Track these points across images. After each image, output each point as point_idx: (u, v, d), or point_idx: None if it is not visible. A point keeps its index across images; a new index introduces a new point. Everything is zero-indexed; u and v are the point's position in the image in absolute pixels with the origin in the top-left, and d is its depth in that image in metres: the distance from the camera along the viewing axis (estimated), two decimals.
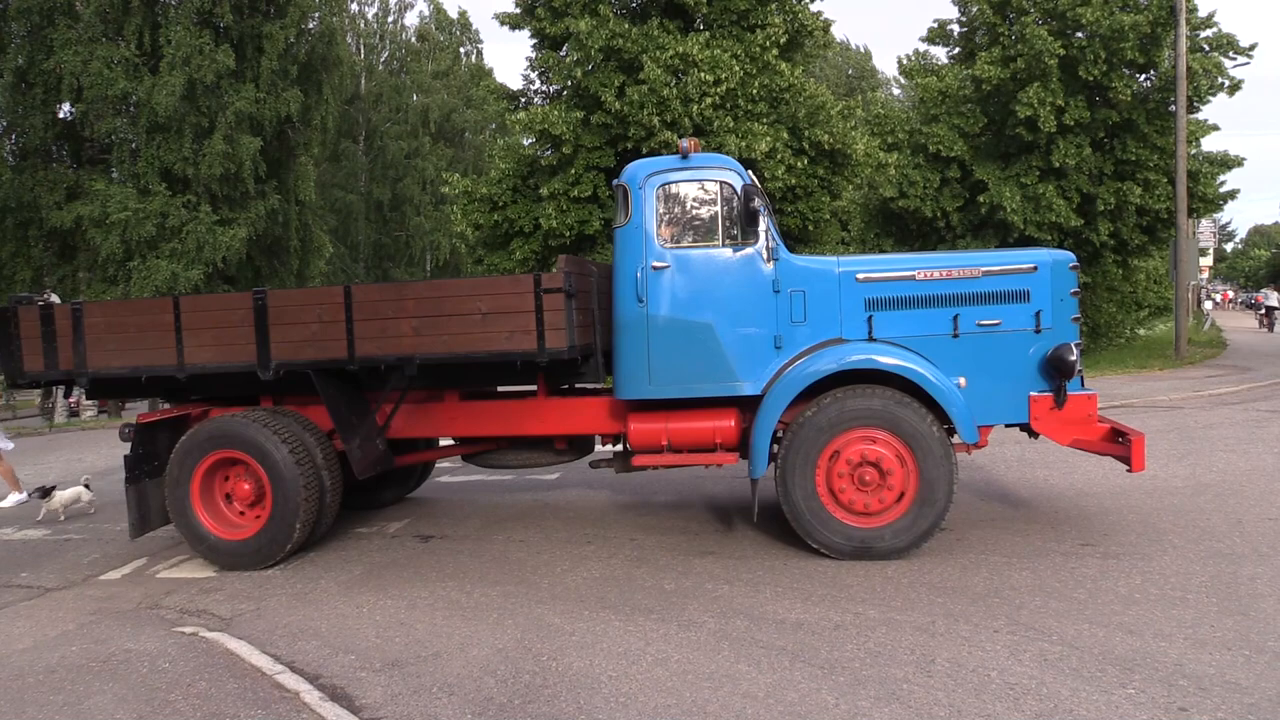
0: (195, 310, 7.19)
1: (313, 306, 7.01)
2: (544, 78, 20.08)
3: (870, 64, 60.09)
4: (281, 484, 6.95)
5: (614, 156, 17.59)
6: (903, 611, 5.39)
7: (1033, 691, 4.24)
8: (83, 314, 7.34)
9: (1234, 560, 6.10)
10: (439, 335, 6.73)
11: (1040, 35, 21.05)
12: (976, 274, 6.76)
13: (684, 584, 6.16)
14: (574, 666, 4.80)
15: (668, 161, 6.93)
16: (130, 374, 7.32)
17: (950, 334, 6.69)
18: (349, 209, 43.96)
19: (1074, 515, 7.52)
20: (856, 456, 6.46)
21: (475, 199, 19.08)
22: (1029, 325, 6.65)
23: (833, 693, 4.33)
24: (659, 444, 6.97)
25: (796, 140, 17.83)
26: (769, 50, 17.56)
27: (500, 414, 7.66)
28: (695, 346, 6.73)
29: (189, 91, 25.50)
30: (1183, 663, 4.49)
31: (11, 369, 7.55)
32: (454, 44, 52.18)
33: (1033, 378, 6.68)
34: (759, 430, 6.61)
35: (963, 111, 23.35)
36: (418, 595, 6.22)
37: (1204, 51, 22.46)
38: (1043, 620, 5.14)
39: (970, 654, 4.71)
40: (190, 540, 7.24)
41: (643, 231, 6.80)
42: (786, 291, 6.74)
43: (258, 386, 7.45)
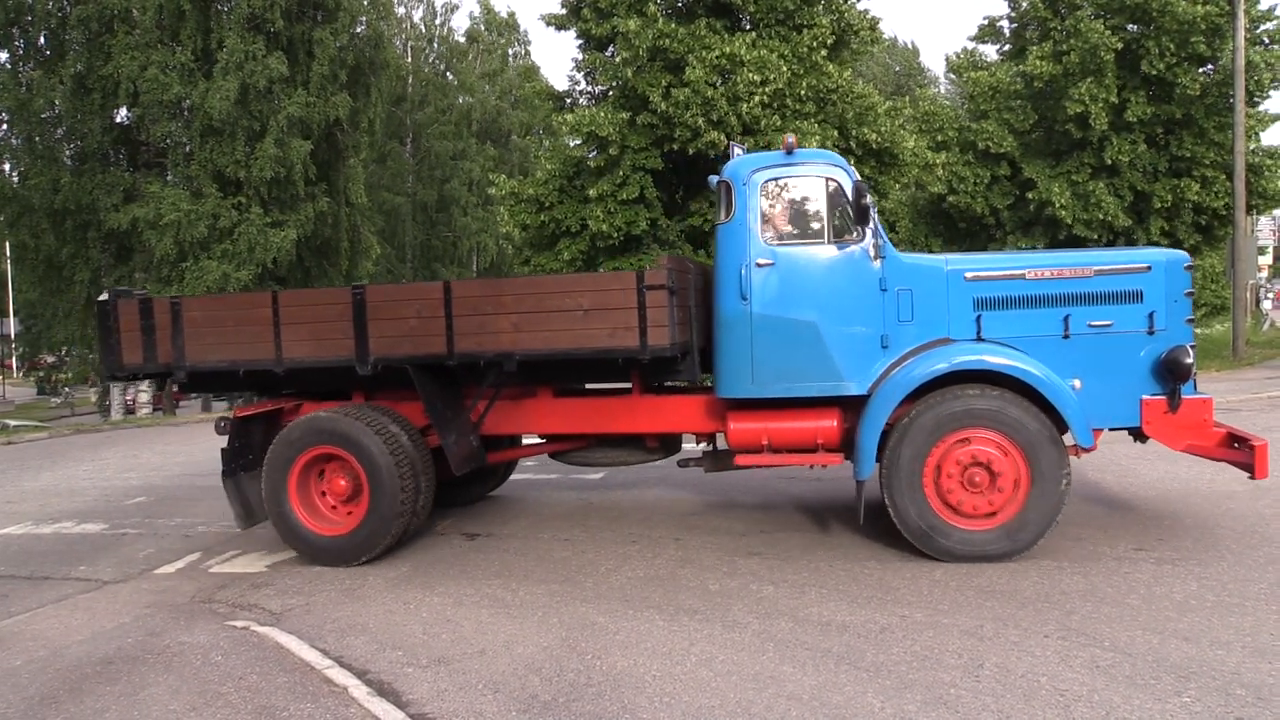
0: (293, 305, 7.23)
1: (412, 302, 7.01)
2: (590, 79, 20.16)
3: (918, 61, 59.49)
4: (379, 480, 6.93)
5: (660, 158, 17.61)
6: (950, 615, 5.32)
7: (1084, 699, 4.16)
8: (181, 308, 7.39)
9: None
10: (539, 331, 6.70)
11: (1096, 29, 20.67)
12: (1089, 273, 6.60)
13: (728, 585, 6.14)
14: (618, 665, 4.81)
15: (772, 158, 6.85)
16: (228, 368, 7.35)
17: (1061, 335, 6.54)
18: (396, 210, 44.43)
19: (1128, 519, 7.37)
20: (967, 458, 6.30)
21: (522, 200, 19.21)
22: (1142, 326, 6.49)
23: (878, 696, 4.29)
24: (759, 444, 6.88)
25: (844, 140, 17.71)
26: (816, 51, 17.45)
27: (594, 411, 7.61)
28: (800, 345, 6.64)
29: (242, 96, 25.97)
30: (1240, 671, 4.38)
31: (111, 362, 7.60)
32: (503, 45, 52.55)
33: (1145, 380, 6.51)
34: (866, 431, 6.45)
35: (1012, 107, 23.04)
36: (464, 593, 6.28)
37: (1263, 44, 21.93)
38: (1094, 626, 5.05)
39: (1019, 659, 4.64)
40: (284, 535, 7.26)
41: (746, 228, 6.70)
42: (894, 290, 6.61)
43: (350, 381, 7.49)
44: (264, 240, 26.27)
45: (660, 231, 18.22)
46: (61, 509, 10.32)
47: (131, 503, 10.40)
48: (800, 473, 9.78)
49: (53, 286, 28.87)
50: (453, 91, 48.53)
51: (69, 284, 28.28)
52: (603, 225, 17.53)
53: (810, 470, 8.56)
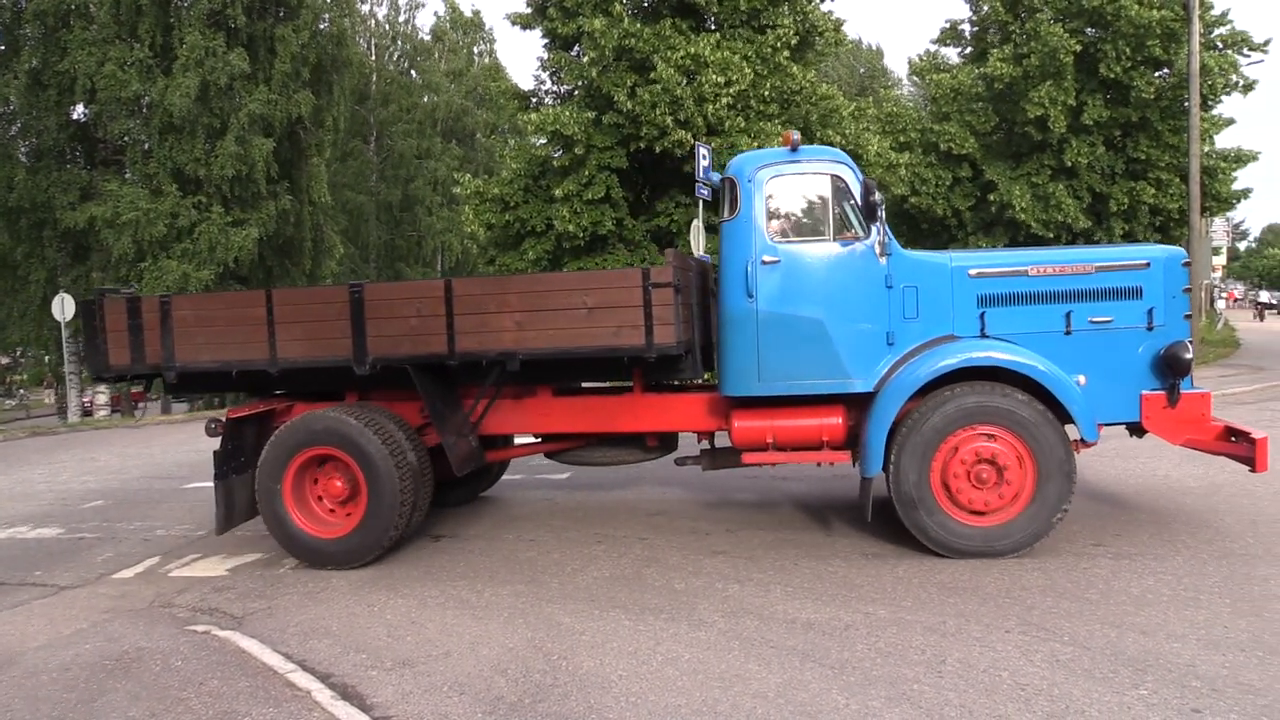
0: (288, 304, 7.10)
1: (411, 300, 6.90)
2: (555, 78, 20.12)
3: (882, 63, 60.01)
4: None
5: (625, 157, 17.61)
6: (913, 612, 5.38)
7: (1044, 692, 4.22)
8: (171, 307, 7.22)
9: (1247, 561, 6.07)
10: (543, 330, 6.63)
11: (1055, 32, 20.99)
12: (1090, 270, 6.67)
13: (694, 584, 6.16)
14: (584, 666, 4.81)
15: (776, 154, 6.83)
16: (220, 368, 7.20)
17: (1063, 331, 6.60)
18: (359, 209, 44.07)
19: (1086, 515, 7.48)
20: (973, 455, 6.33)
21: (487, 199, 19.13)
22: (1141, 322, 6.58)
23: (843, 692, 4.32)
24: (763, 442, 6.85)
25: (808, 141, 17.81)
26: (780, 51, 17.55)
27: (595, 410, 7.55)
28: (807, 343, 6.63)
29: (202, 93, 25.66)
30: (1195, 664, 4.46)
31: (97, 363, 7.40)
32: (468, 44, 52.28)
33: (1144, 375, 6.60)
34: (874, 428, 6.45)
35: (974, 109, 23.34)
36: (429, 594, 6.24)
37: (1218, 49, 22.37)
38: (1054, 621, 5.12)
39: (981, 654, 4.69)
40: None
41: (752, 225, 6.68)
42: (899, 287, 6.63)
43: (343, 382, 7.40)
44: (225, 239, 25.96)
45: (626, 231, 18.23)
46: (16, 513, 10.12)
47: (89, 506, 10.22)
48: (764, 471, 9.83)
49: (7, 286, 28.36)
50: (417, 90, 48.22)
51: (24, 284, 27.78)
52: (568, 225, 17.50)
53: (774, 469, 8.61)
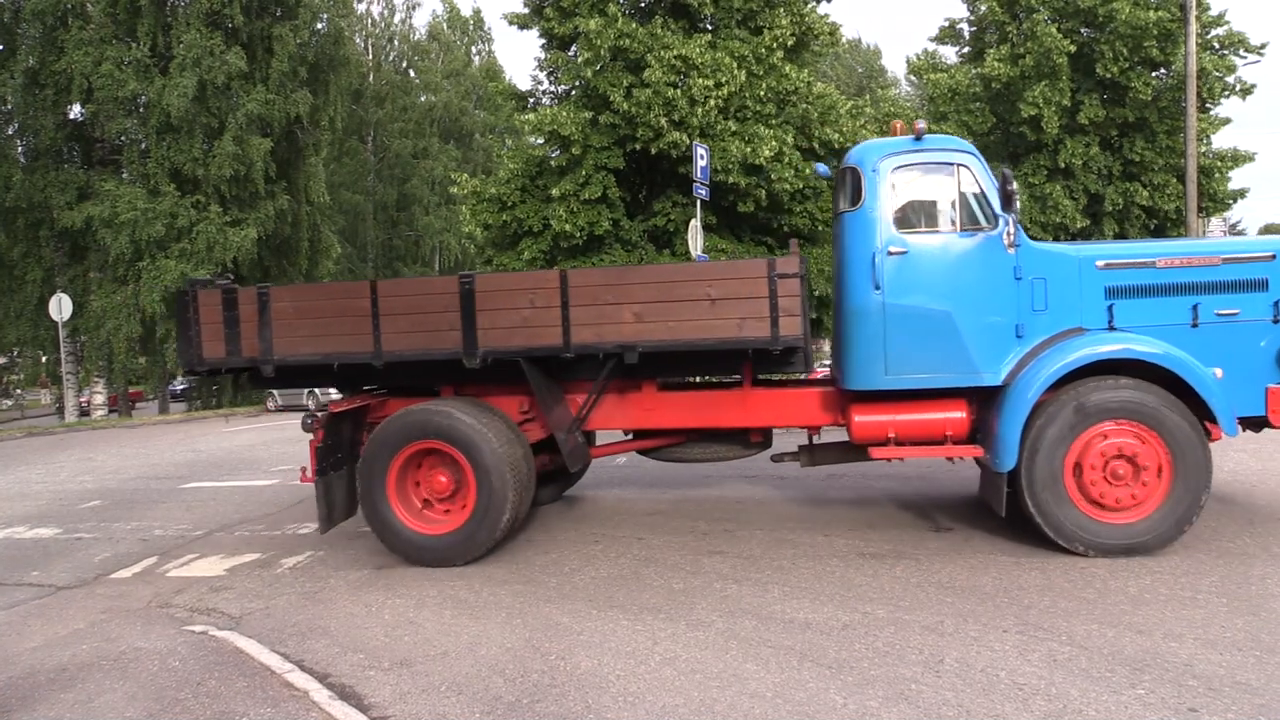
0: (394, 295, 6.97)
1: (524, 291, 6.78)
2: (552, 78, 20.11)
3: (880, 63, 60.02)
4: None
5: (622, 158, 17.60)
6: (911, 611, 5.38)
7: (1041, 691, 4.22)
8: (269, 298, 7.11)
9: (1245, 560, 6.08)
10: (663, 322, 6.52)
11: (1050, 33, 21.01)
12: (1216, 262, 6.58)
13: (692, 583, 6.16)
14: (582, 666, 4.81)
15: (900, 143, 6.72)
16: (321, 361, 7.08)
17: (1190, 323, 6.51)
18: (357, 209, 44.08)
19: None
20: (1110, 450, 6.24)
21: (484, 199, 19.12)
22: (1267, 315, 6.50)
23: (841, 692, 4.32)
24: (884, 437, 6.74)
25: (807, 139, 17.81)
26: (775, 52, 17.54)
27: (703, 405, 7.41)
28: (935, 336, 6.52)
29: (200, 93, 25.64)
30: (1193, 663, 4.46)
31: (190, 356, 7.29)
32: (466, 44, 52.25)
33: (1270, 369, 6.51)
34: (1008, 422, 6.32)
35: (971, 109, 23.34)
36: (426, 594, 6.24)
37: (1215, 50, 22.40)
38: (1051, 620, 5.13)
39: (979, 654, 4.69)
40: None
41: (877, 216, 6.59)
42: (1028, 279, 6.54)
43: (440, 376, 7.31)
44: (223, 239, 25.94)
45: (623, 232, 18.22)
46: (13, 513, 10.11)
47: (86, 506, 10.22)
48: (762, 471, 9.85)
49: (4, 286, 28.33)
50: (414, 89, 48.21)
51: (20, 284, 27.75)
52: (565, 225, 17.48)
53: (774, 466, 8.59)
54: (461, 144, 49.17)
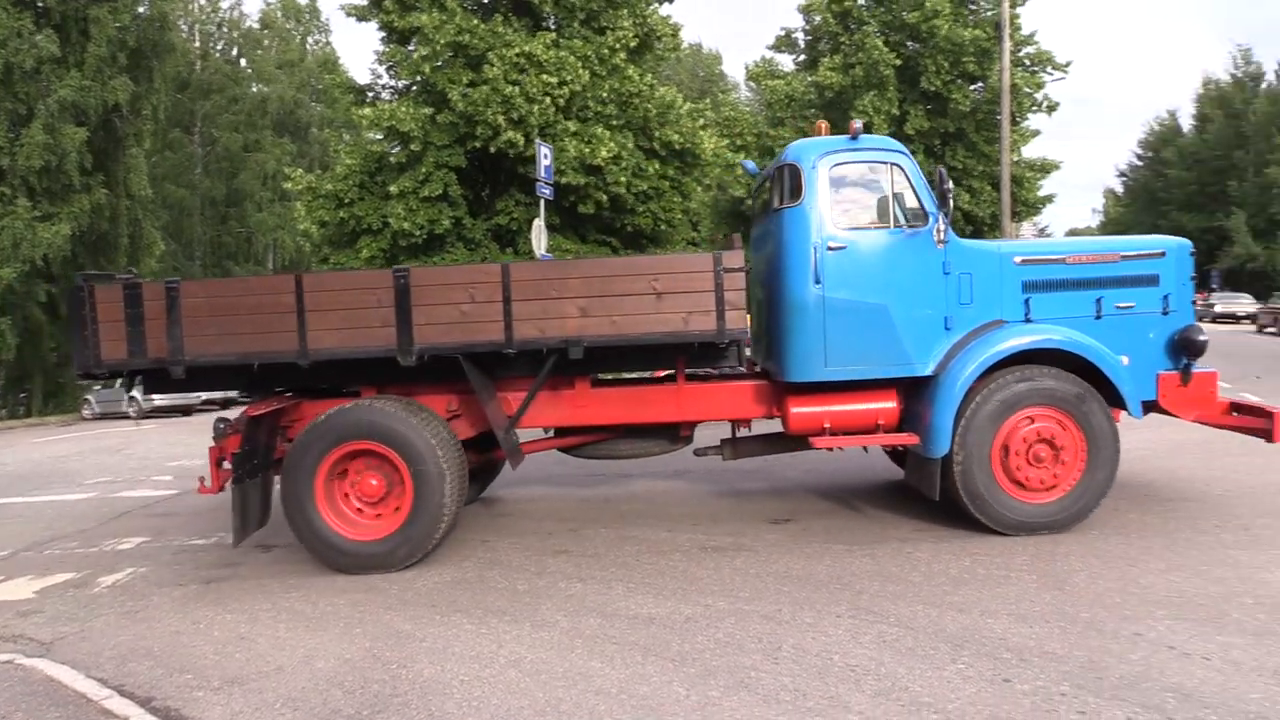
0: (321, 290, 6.60)
1: (463, 286, 6.54)
2: (392, 72, 19.62)
3: (720, 68, 61.43)
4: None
5: (464, 155, 17.36)
6: (750, 602, 5.54)
7: (872, 671, 4.43)
8: (179, 294, 6.61)
9: (1052, 539, 6.55)
10: (608, 316, 6.41)
11: (877, 46, 22.04)
12: (1116, 259, 7.06)
13: (537, 584, 6.14)
14: (425, 673, 4.71)
15: (837, 142, 6.90)
16: (239, 361, 6.63)
17: (1094, 315, 6.95)
18: (182, 204, 41.76)
19: (909, 502, 7.89)
20: (1033, 435, 6.62)
21: (320, 195, 18.47)
22: (1158, 308, 7.00)
23: (684, 684, 4.40)
24: (820, 428, 6.90)
25: (647, 140, 18.02)
26: (617, 53, 17.68)
27: (637, 401, 7.32)
28: (873, 328, 6.74)
29: (5, 77, 23.72)
30: (1006, 637, 4.78)
31: (86, 358, 6.68)
32: (302, 34, 50.33)
33: (1160, 357, 7.02)
34: (941, 410, 6.61)
35: (806, 116, 24.19)
36: (259, 608, 5.97)
37: (1025, 67, 24.03)
38: (881, 604, 5.38)
39: (814, 639, 4.88)
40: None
41: (817, 212, 6.74)
42: (955, 273, 6.83)
43: (358, 375, 7.02)
44: (32, 235, 24.10)
45: (466, 231, 17.96)
46: None
47: None
48: (610, 469, 9.91)
49: None
50: (245, 80, 46.13)
51: None
52: (404, 223, 17.09)
53: (611, 465, 8.68)
54: (297, 138, 47.35)
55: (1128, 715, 3.84)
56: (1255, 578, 5.55)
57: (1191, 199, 58.36)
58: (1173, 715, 3.82)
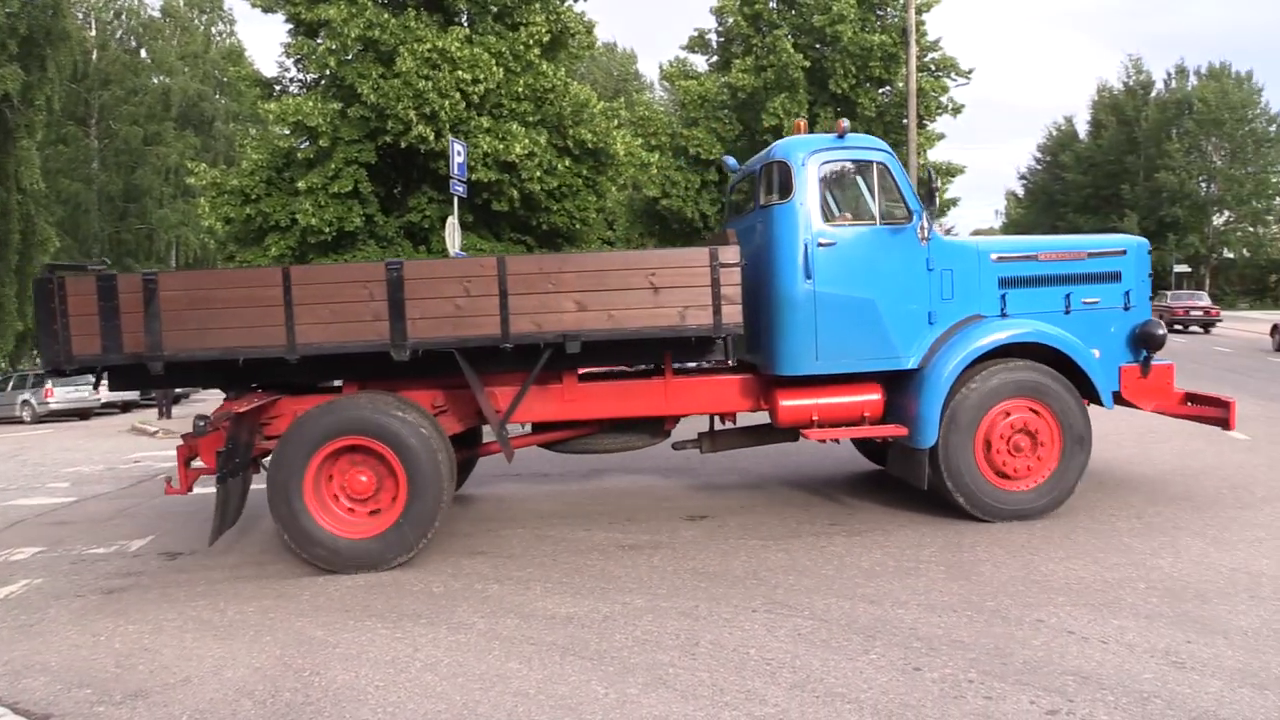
0: (309, 283, 6.43)
1: (458, 279, 6.42)
2: (300, 66, 19.13)
3: (635, 67, 61.57)
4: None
5: (375, 151, 17.04)
6: (668, 599, 5.57)
7: (788, 665, 4.50)
8: (158, 286, 6.34)
9: (958, 531, 6.76)
10: (605, 311, 6.38)
11: (786, 49, 22.37)
12: (1083, 256, 7.40)
13: (453, 586, 6.08)
14: (338, 680, 4.62)
15: (826, 140, 7.05)
16: (222, 356, 6.40)
17: (1064, 310, 7.22)
18: (78, 199, 40.05)
19: (824, 498, 8.06)
20: (1013, 425, 6.88)
21: (225, 191, 17.88)
22: (1120, 303, 7.35)
23: (602, 683, 4.41)
24: (808, 420, 7.05)
25: (561, 138, 17.95)
26: (531, 49, 17.57)
27: (623, 395, 7.29)
28: (862, 322, 6.88)
29: None
30: (916, 627, 4.91)
31: (55, 353, 6.38)
32: (206, 24, 48.78)
33: (1122, 350, 7.36)
34: (928, 402, 6.78)
35: (719, 117, 24.42)
36: (164, 618, 5.77)
37: (931, 72, 24.68)
38: (796, 597, 5.48)
39: (731, 634, 4.94)
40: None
41: (807, 209, 6.84)
42: (938, 269, 7.02)
43: (341, 370, 6.92)
44: None
45: (377, 228, 17.63)
46: None
47: None
48: (525, 468, 9.86)
49: None
50: (146, 71, 44.45)
51: None
52: (312, 220, 16.67)
53: (527, 465, 8.64)
54: (201, 132, 45.87)
55: (1031, 699, 3.99)
56: (1147, 563, 5.83)
57: (1087, 201, 60.81)
58: (1072, 697, 3.98)
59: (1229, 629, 4.68)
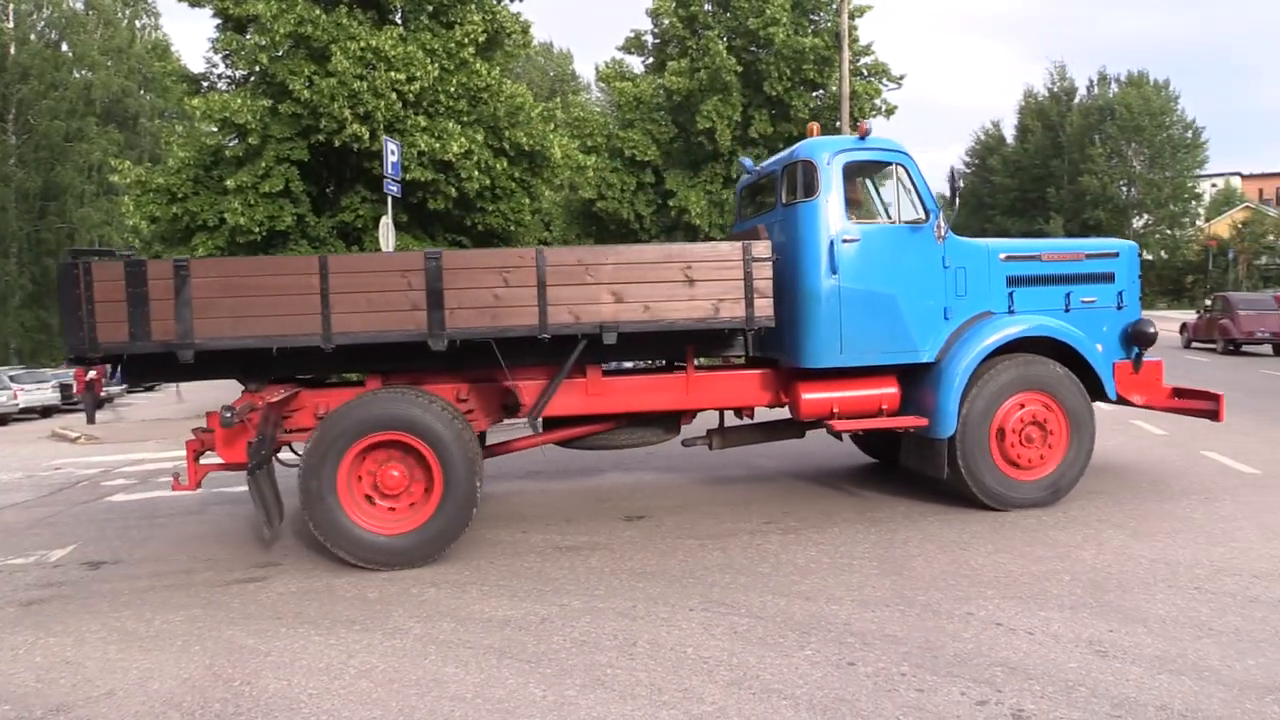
0: (347, 272, 6.36)
1: (496, 270, 6.38)
2: (228, 61, 18.71)
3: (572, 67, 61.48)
4: (453, 469, 6.40)
5: (307, 150, 16.74)
6: (605, 599, 5.58)
7: (725, 662, 4.54)
8: (189, 273, 6.22)
9: (891, 527, 6.88)
10: (640, 303, 6.44)
11: (720, 52, 22.53)
12: (1081, 257, 7.77)
13: (388, 590, 6.00)
14: (270, 689, 4.53)
15: (848, 141, 7.28)
16: (257, 345, 6.27)
17: (1064, 309, 7.53)
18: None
19: (760, 497, 8.14)
20: (1025, 417, 7.18)
21: (150, 189, 17.41)
22: (1114, 302, 7.72)
23: (540, 685, 4.40)
24: (829, 412, 7.20)
25: (497, 140, 17.84)
26: (466, 48, 17.43)
27: (647, 389, 7.33)
28: (884, 316, 7.09)
29: None
30: (850, 622, 4.99)
31: (80, 340, 6.17)
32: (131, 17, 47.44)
33: (1115, 347, 7.70)
34: (947, 394, 7.02)
35: (655, 119, 24.48)
36: (87, 629, 5.59)
37: (863, 76, 25.06)
38: (732, 595, 5.52)
39: (669, 634, 4.96)
40: (332, 537, 6.41)
41: (832, 206, 7.03)
42: (953, 267, 7.27)
43: (358, 364, 6.93)
44: None
45: (309, 228, 17.32)
46: None
47: None
48: None
49: None
50: (67, 65, 43.05)
51: None
52: (241, 219, 16.32)
53: None
54: (125, 128, 44.62)
55: (961, 690, 4.07)
56: (1071, 555, 6.00)
57: (1014, 204, 62.41)
58: (1001, 688, 4.08)
59: (1148, 617, 4.85)
